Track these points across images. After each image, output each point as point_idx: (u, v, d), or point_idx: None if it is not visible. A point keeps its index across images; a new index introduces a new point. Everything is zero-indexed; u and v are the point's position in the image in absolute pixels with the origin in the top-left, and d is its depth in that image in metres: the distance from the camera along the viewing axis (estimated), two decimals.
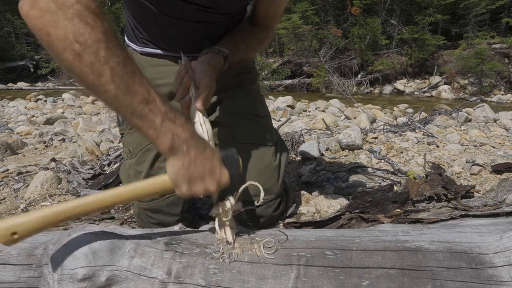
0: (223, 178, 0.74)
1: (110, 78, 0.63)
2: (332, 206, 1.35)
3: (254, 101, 1.25)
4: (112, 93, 0.64)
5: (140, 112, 0.67)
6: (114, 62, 0.63)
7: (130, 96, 0.65)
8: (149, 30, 1.12)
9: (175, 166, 0.71)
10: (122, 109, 0.67)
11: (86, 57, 0.61)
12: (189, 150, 0.71)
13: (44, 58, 14.58)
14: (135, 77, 0.66)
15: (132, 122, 0.68)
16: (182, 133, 0.70)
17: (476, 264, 0.71)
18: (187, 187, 0.72)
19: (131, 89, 0.65)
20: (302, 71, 11.08)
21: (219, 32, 1.13)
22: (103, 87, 0.64)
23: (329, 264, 0.69)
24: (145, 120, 0.67)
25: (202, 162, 0.72)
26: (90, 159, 2.13)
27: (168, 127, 0.69)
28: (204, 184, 0.73)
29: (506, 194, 1.15)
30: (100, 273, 0.66)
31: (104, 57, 0.62)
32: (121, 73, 0.64)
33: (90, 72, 0.62)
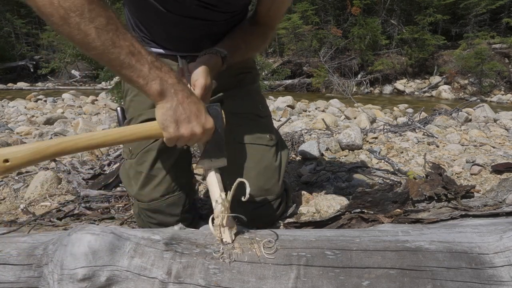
0: (208, 122, 0.81)
1: (96, 36, 0.70)
2: (332, 206, 1.35)
3: (254, 101, 1.25)
4: (100, 49, 0.71)
5: (128, 63, 0.73)
6: (98, 22, 0.70)
7: (116, 50, 0.72)
8: (150, 29, 1.12)
9: (163, 108, 0.77)
10: (111, 62, 0.73)
11: (71, 20, 0.68)
12: (176, 92, 0.77)
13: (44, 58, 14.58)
14: (119, 32, 0.72)
15: (122, 73, 0.74)
16: (169, 79, 0.77)
17: (476, 264, 0.71)
18: (174, 128, 0.78)
19: (116, 43, 0.72)
20: (302, 71, 11.08)
21: (220, 31, 1.13)
22: (91, 45, 0.71)
23: (329, 264, 0.69)
24: (134, 70, 0.74)
25: (189, 104, 0.78)
26: (90, 159, 2.13)
27: (156, 74, 0.75)
28: (191, 125, 0.78)
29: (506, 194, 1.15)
30: (100, 273, 0.66)
31: (88, 18, 0.69)
32: (105, 31, 0.70)
33: (78, 32, 0.69)
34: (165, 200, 1.12)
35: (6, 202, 1.62)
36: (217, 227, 0.73)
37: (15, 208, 1.56)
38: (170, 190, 1.12)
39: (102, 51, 0.72)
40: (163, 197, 1.11)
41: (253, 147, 1.17)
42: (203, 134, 0.81)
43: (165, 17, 1.04)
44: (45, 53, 15.14)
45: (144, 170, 1.10)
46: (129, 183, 1.16)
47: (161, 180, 1.10)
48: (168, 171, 1.10)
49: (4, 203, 1.61)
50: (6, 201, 1.62)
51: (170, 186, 1.11)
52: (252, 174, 1.13)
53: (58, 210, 1.46)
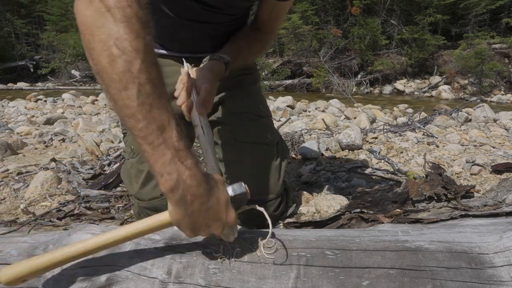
0: (229, 220, 0.68)
1: (136, 94, 0.58)
2: (332, 206, 1.35)
3: (255, 101, 1.26)
4: (132, 110, 0.59)
5: (153, 140, 0.60)
6: (145, 78, 0.59)
7: (149, 119, 0.59)
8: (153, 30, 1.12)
9: (178, 215, 0.65)
10: (136, 131, 0.60)
11: (119, 64, 0.58)
12: (192, 200, 0.64)
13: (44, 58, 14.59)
14: (161, 101, 0.60)
15: (142, 148, 0.62)
16: (188, 179, 0.62)
17: (476, 264, 0.71)
18: (191, 233, 0.68)
19: (153, 112, 0.59)
20: (302, 71, 11.08)
21: (222, 33, 1.14)
22: (125, 101, 0.59)
23: (329, 264, 0.69)
24: (155, 151, 0.61)
25: (207, 211, 0.65)
26: (90, 159, 2.14)
27: (175, 168, 0.61)
28: (209, 229, 0.68)
29: (506, 194, 1.15)
30: (100, 273, 0.67)
31: (137, 70, 0.58)
32: (148, 92, 0.59)
33: (118, 81, 0.58)
34: (165, 199, 1.12)
35: (6, 202, 1.62)
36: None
37: (15, 208, 1.56)
38: None
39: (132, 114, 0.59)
40: (163, 196, 1.11)
41: (253, 146, 1.17)
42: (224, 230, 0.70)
43: (168, 19, 1.05)
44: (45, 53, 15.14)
45: (145, 168, 1.10)
46: (130, 182, 1.16)
47: None
48: None
49: (4, 203, 1.61)
50: (6, 201, 1.62)
51: None
52: (253, 173, 1.14)
53: (58, 210, 1.46)
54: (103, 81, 0.60)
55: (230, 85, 1.20)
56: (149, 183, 1.11)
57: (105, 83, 0.59)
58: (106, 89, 0.60)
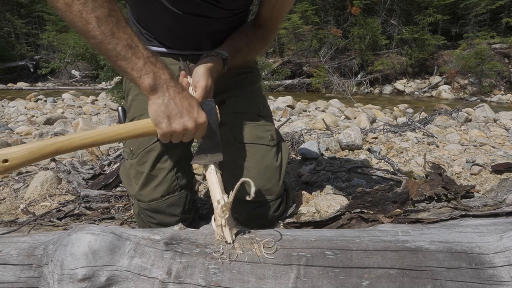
0: (200, 117, 0.82)
1: (97, 25, 0.73)
2: (332, 206, 1.35)
3: (256, 101, 1.25)
4: (98, 38, 0.74)
5: (124, 55, 0.75)
6: (100, 12, 0.72)
7: (114, 41, 0.74)
8: (152, 26, 1.13)
9: (155, 104, 0.79)
10: (108, 53, 0.75)
11: (75, 7, 0.71)
12: (168, 88, 0.79)
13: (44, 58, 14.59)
14: (119, 25, 0.75)
15: (117, 64, 0.77)
16: (162, 75, 0.79)
17: (476, 264, 0.71)
18: (166, 124, 0.79)
19: (115, 35, 0.74)
20: (302, 71, 11.07)
21: (222, 29, 1.13)
22: (91, 33, 0.73)
23: (329, 264, 0.69)
24: (129, 62, 0.76)
25: (181, 100, 0.80)
26: (90, 159, 2.13)
27: (150, 69, 0.78)
28: (183, 120, 0.80)
29: (506, 194, 1.15)
30: (100, 273, 0.66)
31: (91, 8, 0.72)
32: (106, 21, 0.73)
33: (79, 20, 0.72)
34: (165, 200, 1.12)
35: (6, 202, 1.62)
36: (218, 227, 0.73)
37: (15, 208, 1.56)
38: (170, 191, 1.12)
39: (100, 41, 0.74)
40: (164, 197, 1.11)
41: (254, 146, 1.17)
42: (196, 128, 0.82)
43: (168, 14, 1.04)
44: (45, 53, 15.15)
45: (145, 170, 1.10)
46: (130, 183, 1.16)
47: (161, 180, 1.10)
48: (169, 171, 1.10)
49: (4, 203, 1.61)
50: (6, 201, 1.62)
51: (170, 186, 1.11)
52: (253, 174, 1.13)
53: (58, 210, 1.46)
54: (68, 21, 0.74)
55: (231, 84, 1.20)
56: (148, 184, 1.11)
57: (70, 22, 0.74)
58: (72, 25, 0.74)
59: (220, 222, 0.73)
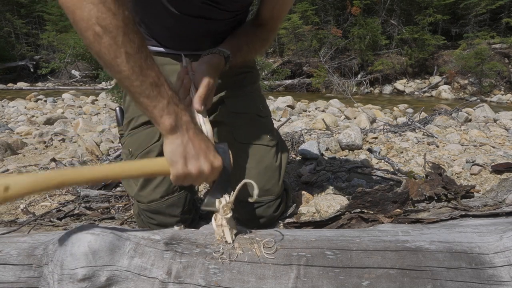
0: (217, 161, 0.81)
1: (125, 60, 0.70)
2: (332, 206, 1.35)
3: (255, 101, 1.25)
4: (125, 74, 0.71)
5: (149, 93, 0.73)
6: (130, 47, 0.70)
7: (141, 78, 0.72)
8: (151, 26, 1.12)
9: (174, 144, 0.77)
10: (133, 89, 0.73)
11: (105, 40, 0.68)
12: (188, 130, 0.78)
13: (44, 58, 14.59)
14: (147, 62, 0.73)
15: (140, 101, 0.74)
16: (183, 116, 0.77)
17: (476, 264, 0.71)
18: (182, 164, 0.77)
19: (143, 72, 0.72)
20: (302, 71, 11.08)
21: (222, 30, 1.13)
22: (118, 67, 0.71)
23: (329, 264, 0.69)
24: (152, 101, 0.74)
25: (199, 142, 0.79)
26: (90, 159, 2.13)
27: (173, 109, 0.76)
28: (199, 163, 0.78)
29: (506, 194, 1.15)
30: (100, 273, 0.66)
31: (121, 42, 0.69)
32: (135, 57, 0.71)
33: (107, 53, 0.69)
34: (164, 201, 1.12)
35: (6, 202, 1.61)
36: (219, 227, 0.73)
37: (15, 208, 1.56)
38: (169, 191, 1.12)
39: (127, 76, 0.71)
40: (163, 198, 1.11)
41: (253, 147, 1.17)
42: (211, 172, 0.80)
43: (168, 14, 1.04)
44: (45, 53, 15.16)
45: None
46: (129, 184, 1.16)
47: (160, 181, 1.10)
48: None
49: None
50: None
51: (169, 187, 1.11)
52: (253, 174, 1.13)
53: (58, 210, 1.46)
54: (94, 53, 0.71)
55: (230, 84, 1.20)
56: (148, 185, 1.11)
57: (97, 54, 0.71)
58: (99, 58, 0.71)
59: (221, 222, 0.73)
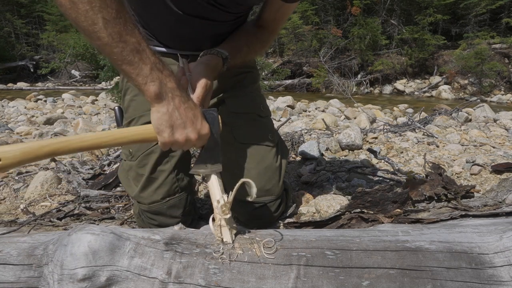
0: (204, 128, 0.80)
1: (103, 26, 0.68)
2: (332, 206, 1.35)
3: (256, 101, 1.25)
4: (104, 40, 0.69)
5: (130, 59, 0.71)
6: (107, 12, 0.67)
7: (121, 44, 0.70)
8: (152, 26, 1.12)
9: (159, 112, 0.76)
10: (113, 56, 0.71)
11: (80, 6, 0.66)
12: (173, 97, 0.76)
13: (44, 58, 14.59)
14: (127, 27, 0.70)
15: (122, 68, 0.72)
16: (168, 82, 0.75)
17: (476, 264, 0.71)
18: (169, 133, 0.77)
19: (123, 38, 0.70)
20: (302, 71, 11.08)
21: (223, 32, 1.13)
22: (96, 34, 0.68)
23: (329, 264, 0.69)
24: (135, 67, 0.72)
25: (185, 110, 0.77)
26: (90, 159, 2.13)
27: (156, 75, 0.74)
28: (186, 131, 0.78)
29: (506, 194, 1.15)
30: (100, 273, 0.66)
31: (98, 7, 0.66)
32: (113, 23, 0.68)
33: (84, 20, 0.67)
34: (166, 203, 1.12)
35: (6, 202, 1.62)
36: (218, 227, 0.73)
37: (15, 208, 1.56)
38: (171, 193, 1.12)
39: (106, 43, 0.69)
40: (164, 199, 1.11)
41: (254, 147, 1.17)
42: (198, 139, 0.80)
43: (171, 15, 1.03)
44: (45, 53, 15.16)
45: (145, 172, 1.10)
46: (129, 185, 1.16)
47: (162, 183, 1.10)
48: (169, 173, 1.10)
49: (4, 203, 1.61)
50: (6, 201, 1.62)
51: (171, 188, 1.11)
52: (253, 174, 1.13)
53: (58, 210, 1.46)
54: (72, 20, 0.69)
55: (230, 84, 1.20)
56: (149, 187, 1.11)
57: (74, 21, 0.69)
58: (77, 25, 0.69)
59: (219, 222, 0.73)
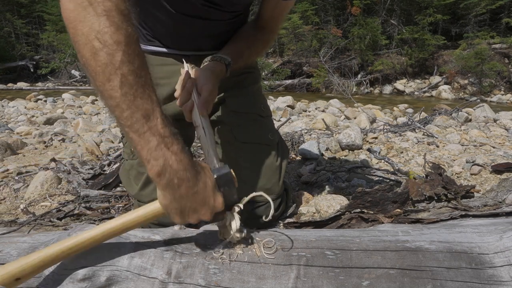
0: (217, 205, 0.70)
1: (119, 84, 0.60)
2: (332, 206, 1.35)
3: (256, 100, 1.26)
4: (116, 101, 0.61)
5: (138, 128, 0.62)
6: (127, 69, 0.60)
7: (133, 109, 0.62)
8: (153, 27, 1.12)
9: (166, 199, 0.67)
10: (122, 120, 0.63)
11: (101, 57, 0.59)
12: (179, 184, 0.66)
13: (44, 58, 14.59)
14: (144, 90, 0.62)
15: (129, 136, 0.64)
16: (174, 163, 0.65)
17: (476, 264, 0.71)
18: (180, 218, 0.69)
19: (136, 102, 0.62)
20: (302, 71, 11.08)
21: (223, 30, 1.13)
22: (109, 92, 0.61)
23: (329, 264, 0.69)
24: (141, 138, 0.63)
25: (194, 196, 0.67)
26: (90, 159, 2.14)
27: (162, 153, 0.64)
28: (198, 215, 0.70)
29: (506, 194, 1.15)
30: (100, 273, 0.67)
31: (119, 61, 0.60)
32: (131, 83, 0.61)
33: (101, 73, 0.60)
34: None
35: (6, 202, 1.61)
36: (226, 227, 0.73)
37: (15, 208, 1.56)
38: None
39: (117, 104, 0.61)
40: None
41: (254, 146, 1.17)
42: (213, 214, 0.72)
43: (169, 15, 1.04)
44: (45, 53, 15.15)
45: (145, 171, 1.10)
46: (130, 184, 1.16)
47: None
48: None
49: (4, 203, 1.61)
50: (6, 201, 1.62)
51: None
52: (253, 173, 1.13)
53: (58, 210, 1.46)
54: (89, 73, 0.62)
55: (231, 84, 1.20)
56: (149, 185, 1.11)
57: (91, 74, 0.62)
58: (92, 80, 0.62)
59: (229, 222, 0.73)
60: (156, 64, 1.14)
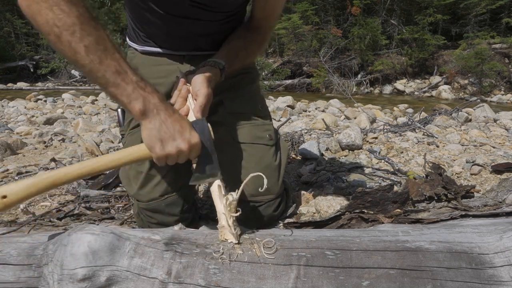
0: (193, 138, 0.82)
1: (85, 54, 0.75)
2: (332, 206, 1.35)
3: (254, 101, 1.26)
4: (87, 67, 0.77)
5: (113, 81, 0.77)
6: (88, 41, 0.75)
7: (103, 68, 0.76)
8: (147, 28, 1.14)
9: (147, 129, 0.80)
10: (98, 81, 0.78)
11: (64, 38, 0.74)
12: (158, 112, 0.81)
13: (44, 58, 14.59)
14: (107, 53, 0.77)
15: (108, 91, 0.79)
16: (152, 98, 0.80)
17: (476, 264, 0.71)
18: (160, 147, 0.81)
19: (104, 62, 0.76)
20: (302, 71, 11.07)
21: (217, 31, 1.13)
22: (80, 62, 0.76)
23: (329, 264, 0.69)
24: (118, 88, 0.78)
25: (172, 123, 0.81)
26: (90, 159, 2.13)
27: (139, 93, 0.79)
28: (176, 143, 0.81)
29: (506, 194, 1.15)
30: (100, 273, 0.66)
31: (78, 37, 0.74)
32: (94, 50, 0.76)
33: (68, 50, 0.75)
34: (164, 200, 1.12)
35: None
36: (225, 227, 0.73)
37: (15, 208, 1.56)
38: (169, 190, 1.12)
39: (90, 69, 0.76)
40: (162, 197, 1.12)
41: (252, 146, 1.17)
42: (190, 149, 0.83)
43: (160, 17, 1.05)
44: (45, 53, 15.14)
45: (144, 170, 1.10)
46: (129, 183, 1.16)
47: (160, 180, 1.10)
48: (168, 171, 1.10)
49: None
50: None
51: (169, 186, 1.11)
52: (251, 173, 1.13)
53: (58, 210, 1.46)
54: (59, 51, 0.77)
55: (229, 85, 1.20)
56: (147, 184, 1.11)
57: (62, 52, 0.77)
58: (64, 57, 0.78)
59: (227, 222, 0.73)
60: (152, 65, 1.15)
